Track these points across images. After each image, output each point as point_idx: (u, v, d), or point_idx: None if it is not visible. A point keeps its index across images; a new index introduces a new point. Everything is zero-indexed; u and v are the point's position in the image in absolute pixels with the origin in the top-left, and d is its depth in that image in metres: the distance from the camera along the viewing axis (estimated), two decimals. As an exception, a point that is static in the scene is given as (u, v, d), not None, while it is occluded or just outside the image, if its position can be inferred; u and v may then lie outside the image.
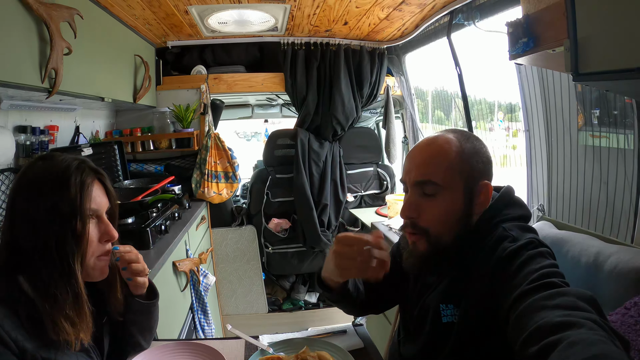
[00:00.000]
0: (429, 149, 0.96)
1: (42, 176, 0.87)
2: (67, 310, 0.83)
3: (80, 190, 0.87)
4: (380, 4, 2.26)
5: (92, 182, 0.91)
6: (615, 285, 1.00)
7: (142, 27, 2.47)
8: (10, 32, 1.25)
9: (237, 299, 3.19)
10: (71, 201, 0.85)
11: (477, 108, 2.69)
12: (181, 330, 1.97)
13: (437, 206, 0.93)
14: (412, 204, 0.95)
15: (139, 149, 2.83)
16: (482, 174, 0.95)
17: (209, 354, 1.06)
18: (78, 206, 0.86)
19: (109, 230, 0.93)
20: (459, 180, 0.92)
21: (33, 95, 1.49)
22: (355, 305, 1.16)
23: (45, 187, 0.85)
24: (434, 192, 0.93)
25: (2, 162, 1.56)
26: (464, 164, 0.93)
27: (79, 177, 0.88)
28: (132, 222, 1.84)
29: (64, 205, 0.85)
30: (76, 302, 0.84)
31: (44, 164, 0.89)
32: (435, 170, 0.93)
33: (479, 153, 0.96)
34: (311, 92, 3.04)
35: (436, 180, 0.92)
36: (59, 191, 0.85)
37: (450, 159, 0.93)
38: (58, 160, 0.90)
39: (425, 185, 0.93)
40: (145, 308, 1.07)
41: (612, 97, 1.45)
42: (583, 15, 0.92)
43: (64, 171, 0.87)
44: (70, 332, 0.82)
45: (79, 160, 0.92)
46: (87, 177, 0.90)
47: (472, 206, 0.94)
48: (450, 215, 0.93)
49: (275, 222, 3.08)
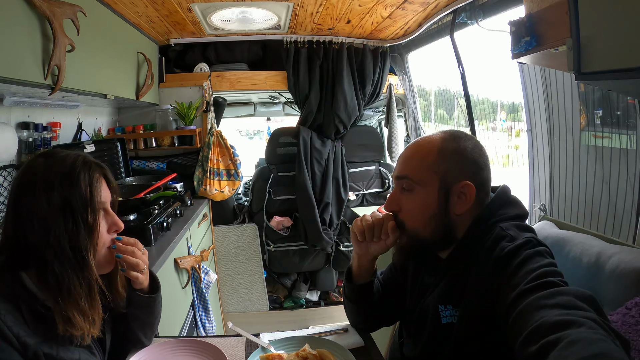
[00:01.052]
0: (411, 147, 1.02)
1: (47, 173, 0.87)
2: (81, 303, 0.84)
3: (89, 185, 0.90)
4: (383, 3, 2.25)
5: (99, 177, 0.94)
6: (616, 286, 1.00)
7: (145, 24, 2.47)
8: (13, 28, 1.25)
9: (239, 296, 3.20)
10: (82, 196, 0.88)
11: (480, 107, 2.69)
12: (182, 328, 1.98)
13: (412, 201, 0.98)
14: (393, 198, 1.01)
15: (141, 146, 2.84)
16: (462, 174, 0.95)
17: (210, 351, 1.06)
18: (89, 201, 0.89)
19: (116, 221, 0.98)
20: (434, 177, 0.95)
21: (36, 91, 1.50)
22: (372, 309, 1.17)
23: (53, 184, 0.86)
24: (410, 188, 0.98)
25: (5, 158, 1.57)
26: (442, 163, 0.95)
27: (87, 173, 0.90)
28: (134, 219, 1.85)
29: (75, 201, 0.87)
30: (90, 294, 0.86)
31: (46, 161, 0.89)
32: (411, 167, 0.98)
33: (464, 154, 0.96)
34: (314, 90, 3.03)
35: (411, 176, 0.97)
36: (69, 188, 0.87)
37: (427, 158, 0.97)
38: (62, 157, 0.91)
39: (402, 180, 0.99)
40: (145, 302, 1.07)
41: (614, 98, 1.45)
42: (586, 14, 0.92)
43: (72, 168, 0.89)
44: (82, 326, 0.84)
45: (82, 156, 0.94)
46: (95, 173, 0.92)
47: (448, 205, 0.95)
48: (424, 210, 0.96)
49: (277, 220, 3.08)
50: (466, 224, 0.96)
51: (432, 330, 0.97)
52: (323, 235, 3.01)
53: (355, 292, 1.16)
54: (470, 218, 0.96)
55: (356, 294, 1.16)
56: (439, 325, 0.95)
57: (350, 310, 1.23)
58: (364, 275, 1.14)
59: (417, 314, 1.03)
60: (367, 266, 1.12)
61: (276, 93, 3.44)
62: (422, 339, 1.01)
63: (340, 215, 3.15)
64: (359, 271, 1.13)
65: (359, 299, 1.17)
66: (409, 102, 3.15)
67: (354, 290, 1.16)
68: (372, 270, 1.15)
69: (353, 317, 1.24)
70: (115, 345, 1.05)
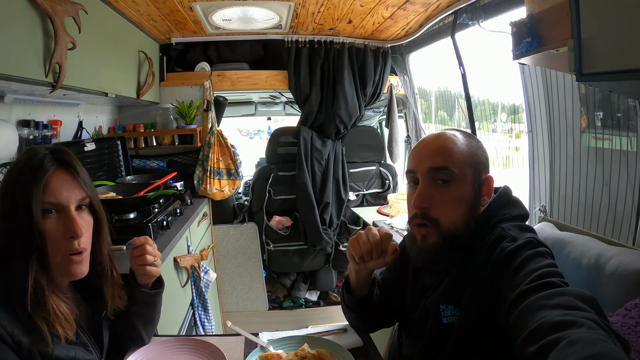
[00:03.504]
0: (439, 139, 0.98)
1: (10, 171, 0.86)
2: (38, 307, 0.81)
3: (32, 181, 0.82)
4: (385, 3, 2.25)
5: (50, 173, 0.84)
6: (616, 287, 1.00)
7: (146, 23, 2.47)
8: (15, 26, 1.26)
9: (238, 296, 3.20)
10: (25, 195, 0.81)
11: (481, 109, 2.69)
12: (181, 326, 1.98)
13: (450, 194, 0.93)
14: (425, 193, 0.94)
15: (142, 144, 2.84)
16: (485, 168, 0.98)
17: (209, 350, 1.06)
18: (32, 200, 0.81)
19: (71, 226, 0.86)
20: (469, 169, 0.95)
21: (37, 89, 1.50)
22: (372, 314, 1.17)
23: (10, 181, 0.84)
24: (449, 179, 0.93)
25: (5, 155, 1.57)
26: (472, 155, 0.96)
27: (32, 168, 0.83)
28: (134, 217, 1.85)
29: (20, 200, 0.81)
30: (38, 301, 0.81)
31: (19, 157, 0.88)
32: (449, 158, 0.94)
33: (481, 149, 1.00)
34: (314, 90, 3.04)
35: (452, 167, 0.93)
36: (15, 185, 0.82)
37: (462, 149, 0.95)
38: (29, 153, 0.86)
39: (440, 172, 0.93)
40: (150, 298, 1.07)
41: (615, 99, 1.45)
42: (587, 15, 0.92)
43: (23, 164, 0.84)
44: (44, 329, 0.80)
45: (44, 151, 0.87)
46: (43, 168, 0.84)
47: (479, 197, 0.96)
48: (463, 204, 0.94)
49: (276, 220, 3.08)
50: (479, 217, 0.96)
51: (433, 330, 0.97)
52: (323, 235, 3.01)
53: (356, 303, 1.15)
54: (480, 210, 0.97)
55: (356, 305, 1.15)
56: (440, 325, 0.95)
57: (349, 317, 1.22)
58: (363, 286, 1.13)
59: (418, 314, 1.03)
60: (365, 278, 1.11)
61: (277, 93, 3.44)
62: (423, 338, 1.01)
63: (340, 216, 3.16)
64: (357, 284, 1.12)
65: (359, 308, 1.16)
66: (410, 103, 3.15)
67: (354, 301, 1.15)
68: (370, 280, 1.13)
69: (352, 321, 1.23)
70: (113, 343, 1.04)
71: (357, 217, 3.11)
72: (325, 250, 3.19)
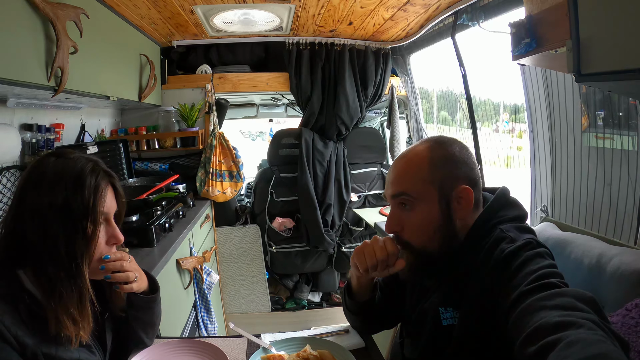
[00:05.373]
0: (399, 163, 0.99)
1: (55, 173, 0.86)
2: (72, 309, 0.83)
3: (94, 193, 0.87)
4: (385, 4, 2.26)
5: (106, 186, 0.91)
6: (617, 287, 1.00)
7: (147, 26, 2.48)
8: (16, 30, 1.26)
9: (240, 297, 3.20)
10: (85, 203, 0.86)
11: (483, 109, 2.69)
12: (184, 328, 1.98)
13: (414, 218, 0.95)
14: (394, 218, 0.98)
15: (144, 147, 2.84)
16: (458, 179, 0.94)
17: (212, 352, 1.07)
18: (91, 209, 0.86)
19: (116, 234, 0.95)
20: (432, 190, 0.93)
21: (39, 93, 1.50)
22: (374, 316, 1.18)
23: (59, 185, 0.85)
24: (408, 204, 0.95)
25: (8, 159, 1.58)
26: (436, 173, 0.94)
27: (94, 180, 0.88)
28: (137, 219, 1.85)
29: (76, 207, 0.85)
30: (80, 302, 0.85)
31: (57, 160, 0.89)
32: (407, 183, 0.95)
33: (453, 158, 0.96)
34: (316, 92, 3.04)
35: (409, 192, 0.94)
36: (73, 192, 0.85)
37: (420, 170, 0.94)
38: (72, 159, 0.90)
39: (400, 198, 0.96)
40: (145, 303, 1.07)
41: (616, 99, 1.45)
42: (585, 15, 0.92)
43: (80, 172, 0.88)
44: (71, 330, 0.83)
45: (93, 161, 0.92)
46: (102, 181, 0.90)
47: (451, 213, 0.94)
48: (428, 225, 0.94)
49: (279, 222, 3.08)
50: (469, 225, 0.95)
51: (433, 332, 0.97)
52: (325, 237, 3.01)
53: (357, 307, 1.16)
54: (471, 218, 0.95)
55: (358, 308, 1.17)
56: (440, 327, 0.95)
57: (351, 319, 1.23)
58: (364, 291, 1.14)
59: (416, 316, 1.03)
60: (367, 284, 1.12)
61: (278, 94, 3.45)
62: (423, 340, 1.00)
63: (343, 217, 3.15)
64: (359, 289, 1.13)
65: (360, 312, 1.17)
66: (411, 104, 3.15)
67: (355, 305, 1.16)
68: (372, 285, 1.15)
69: (354, 323, 1.24)
70: (116, 344, 1.05)
71: (359, 219, 3.11)
72: (327, 252, 3.19)
